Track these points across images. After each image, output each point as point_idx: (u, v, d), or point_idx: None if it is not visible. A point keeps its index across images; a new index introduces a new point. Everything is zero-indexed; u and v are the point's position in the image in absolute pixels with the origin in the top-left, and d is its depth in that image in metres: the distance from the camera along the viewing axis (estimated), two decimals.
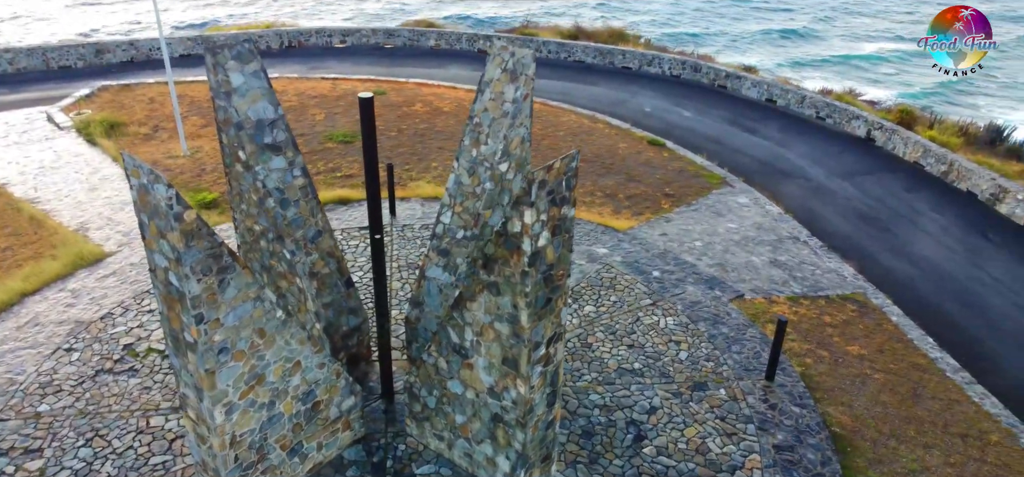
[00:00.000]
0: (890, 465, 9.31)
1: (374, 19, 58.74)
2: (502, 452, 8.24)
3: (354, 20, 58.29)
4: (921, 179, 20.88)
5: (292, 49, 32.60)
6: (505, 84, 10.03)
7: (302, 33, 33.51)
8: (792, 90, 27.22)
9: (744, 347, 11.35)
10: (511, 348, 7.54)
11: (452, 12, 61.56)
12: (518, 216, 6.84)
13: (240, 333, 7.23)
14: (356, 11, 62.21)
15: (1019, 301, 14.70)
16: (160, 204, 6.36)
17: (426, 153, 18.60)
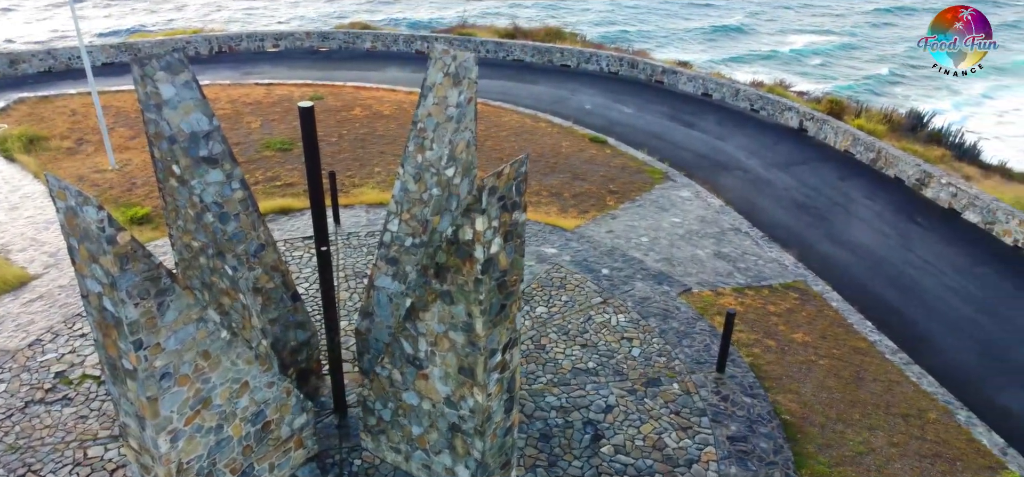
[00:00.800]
0: (838, 449, 9.56)
1: (307, 23, 57.64)
2: (461, 461, 8.11)
3: (288, 23, 57.05)
4: (852, 167, 21.60)
5: (222, 54, 31.63)
6: (448, 88, 9.89)
7: (232, 38, 32.55)
8: (727, 84, 27.82)
9: (694, 340, 11.49)
10: (467, 357, 7.42)
11: (384, 16, 60.92)
12: (469, 223, 6.73)
13: (183, 357, 6.91)
14: (291, 14, 60.89)
15: (948, 282, 15.33)
16: (90, 227, 6.01)
17: (368, 158, 18.28)
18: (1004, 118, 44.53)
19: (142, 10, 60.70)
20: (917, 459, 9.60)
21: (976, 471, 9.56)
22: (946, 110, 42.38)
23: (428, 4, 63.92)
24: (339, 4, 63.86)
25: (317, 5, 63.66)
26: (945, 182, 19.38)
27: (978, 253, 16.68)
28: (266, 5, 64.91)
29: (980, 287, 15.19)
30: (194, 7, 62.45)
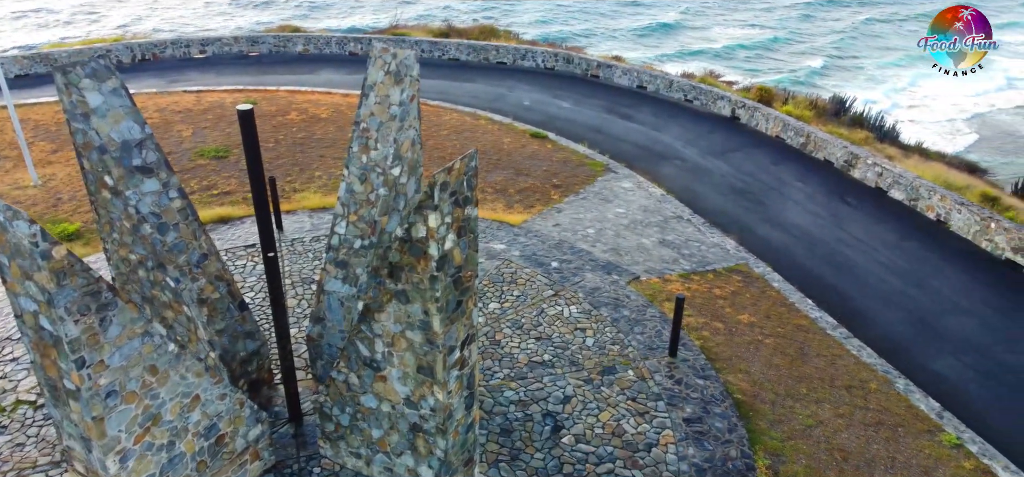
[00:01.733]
0: (788, 423, 9.85)
1: (235, 28, 56.10)
2: (424, 462, 8.02)
3: (215, 29, 55.38)
4: (784, 152, 22.30)
5: (146, 63, 30.49)
6: (390, 87, 9.78)
7: (156, 45, 31.40)
8: (660, 76, 28.35)
9: (646, 327, 11.67)
10: (425, 355, 7.34)
11: (315, 22, 59.91)
12: (422, 220, 6.66)
13: (129, 373, 6.62)
14: (220, 25, 59.14)
15: (879, 258, 15.99)
16: (22, 242, 5.70)
17: (308, 163, 17.90)
18: (924, 102, 46.73)
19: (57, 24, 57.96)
20: (862, 428, 9.98)
21: (916, 435, 10.00)
22: (878, 99, 44.21)
23: (360, 10, 63.01)
24: (269, 13, 62.41)
25: (249, 14, 62.04)
26: (871, 163, 20.21)
27: (904, 228, 17.46)
28: (193, 12, 62.92)
29: (908, 261, 15.90)
30: (114, 19, 60.03)
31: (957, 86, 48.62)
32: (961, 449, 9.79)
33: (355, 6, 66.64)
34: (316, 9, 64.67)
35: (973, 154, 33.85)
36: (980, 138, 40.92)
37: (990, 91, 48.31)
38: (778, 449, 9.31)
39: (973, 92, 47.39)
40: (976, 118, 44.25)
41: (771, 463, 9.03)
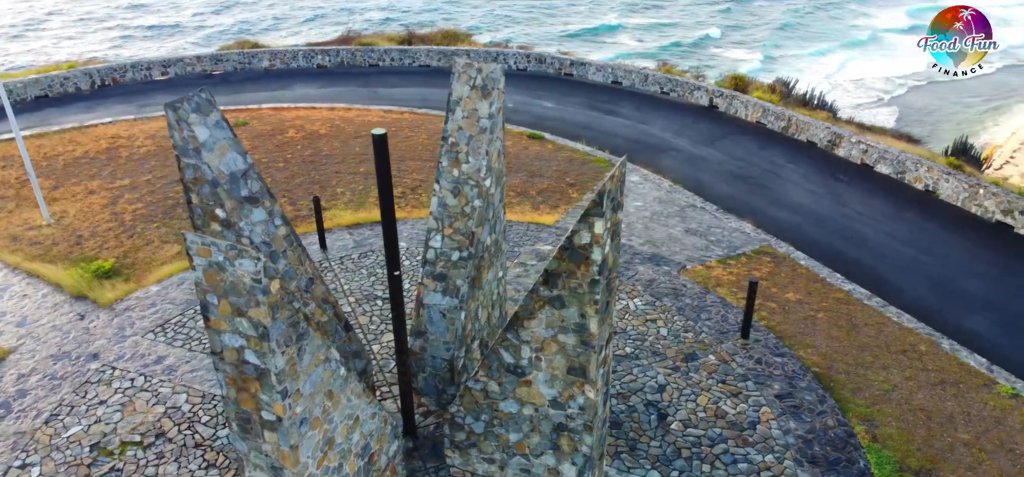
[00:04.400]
0: (868, 390, 10.59)
1: (192, 46, 54.37)
2: (566, 459, 8.34)
3: (173, 49, 53.50)
4: (768, 136, 23.36)
5: (106, 88, 29.40)
6: (477, 101, 10.03)
7: (116, 69, 30.31)
8: (635, 70, 29.15)
9: (710, 313, 12.25)
10: (578, 356, 7.66)
11: (259, 38, 58.58)
12: (586, 228, 6.99)
13: (315, 399, 6.74)
14: (176, 43, 57.11)
15: (884, 229, 17.07)
16: (243, 280, 5.79)
17: (325, 180, 17.80)
18: (851, 84, 49.33)
19: None
20: (930, 388, 10.80)
21: (976, 390, 10.89)
22: (820, 81, 46.36)
23: (308, 26, 61.96)
24: (209, 32, 60.66)
25: (201, 32, 60.17)
26: (855, 141, 21.43)
27: (899, 200, 18.65)
28: (109, 40, 60.51)
29: (911, 230, 17.03)
30: (52, 40, 57.23)
31: (882, 67, 51.61)
32: (1019, 398, 10.72)
33: (282, 20, 65.51)
34: (268, 29, 63.22)
35: (904, 128, 36.17)
36: (901, 114, 43.52)
37: (906, 74, 51.26)
38: (867, 415, 10.01)
39: (891, 72, 50.41)
40: (896, 99, 46.97)
41: (867, 428, 9.72)
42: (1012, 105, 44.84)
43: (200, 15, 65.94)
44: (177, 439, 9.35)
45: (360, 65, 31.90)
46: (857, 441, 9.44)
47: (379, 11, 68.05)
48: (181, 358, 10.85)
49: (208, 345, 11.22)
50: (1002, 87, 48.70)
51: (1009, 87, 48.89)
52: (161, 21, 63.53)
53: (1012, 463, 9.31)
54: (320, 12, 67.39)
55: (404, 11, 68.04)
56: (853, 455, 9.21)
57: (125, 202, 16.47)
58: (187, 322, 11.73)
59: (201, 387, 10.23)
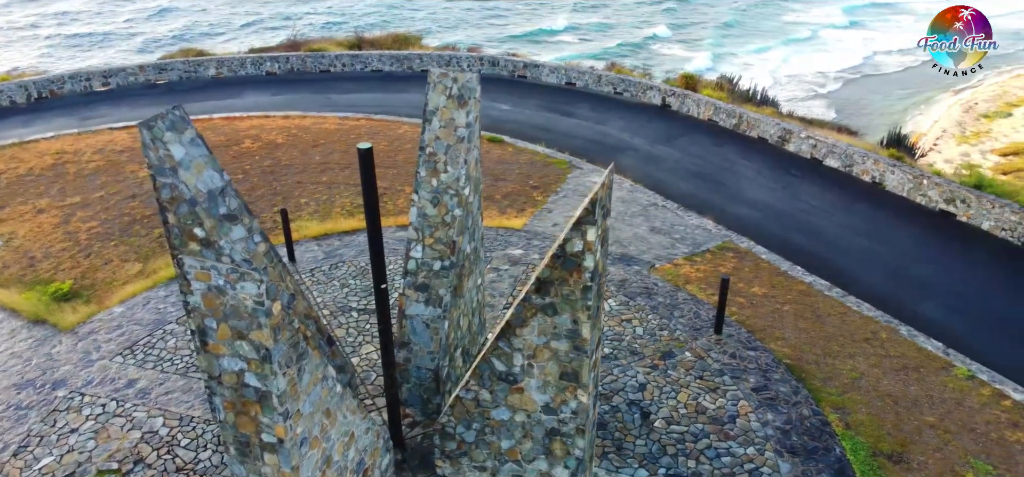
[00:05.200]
0: (838, 379, 10.99)
1: (134, 55, 52.59)
2: (559, 463, 8.44)
3: (113, 58, 51.65)
4: (721, 133, 23.94)
5: (43, 101, 28.32)
6: (454, 110, 10.07)
7: (53, 81, 29.21)
8: (588, 71, 29.50)
9: (683, 311, 12.53)
10: (571, 362, 7.77)
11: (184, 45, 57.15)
12: (579, 235, 7.11)
13: (314, 419, 6.69)
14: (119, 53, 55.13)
15: (839, 220, 17.71)
16: (245, 303, 5.71)
17: (288, 191, 17.52)
18: (788, 78, 50.92)
19: None
20: (894, 373, 11.28)
21: (936, 373, 11.42)
22: (764, 77, 47.65)
23: (245, 32, 60.65)
24: (144, 41, 58.85)
25: (134, 41, 58.20)
26: (805, 136, 22.15)
27: (850, 193, 19.37)
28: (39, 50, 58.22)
29: (864, 221, 17.72)
30: None
31: (820, 62, 53.38)
32: (975, 380, 11.28)
33: (218, 27, 64.08)
34: (200, 36, 61.60)
35: (843, 121, 37.64)
36: (839, 107, 45.16)
37: (842, 69, 53.15)
38: (839, 403, 10.40)
39: (828, 67, 52.30)
40: (833, 93, 48.70)
41: (839, 416, 10.10)
42: (934, 96, 47.06)
43: (131, 22, 63.91)
44: (157, 464, 9.12)
45: (311, 71, 31.47)
46: (832, 429, 9.81)
47: (320, 15, 67.16)
48: (154, 380, 10.57)
49: (181, 366, 10.96)
50: (925, 79, 51.00)
51: (931, 79, 51.19)
52: (91, 30, 61.37)
53: (974, 442, 9.80)
54: (257, 18, 66.13)
55: (342, 15, 67.30)
56: (829, 443, 9.57)
57: (78, 220, 15.92)
58: (157, 343, 11.42)
59: (178, 409, 9.99)
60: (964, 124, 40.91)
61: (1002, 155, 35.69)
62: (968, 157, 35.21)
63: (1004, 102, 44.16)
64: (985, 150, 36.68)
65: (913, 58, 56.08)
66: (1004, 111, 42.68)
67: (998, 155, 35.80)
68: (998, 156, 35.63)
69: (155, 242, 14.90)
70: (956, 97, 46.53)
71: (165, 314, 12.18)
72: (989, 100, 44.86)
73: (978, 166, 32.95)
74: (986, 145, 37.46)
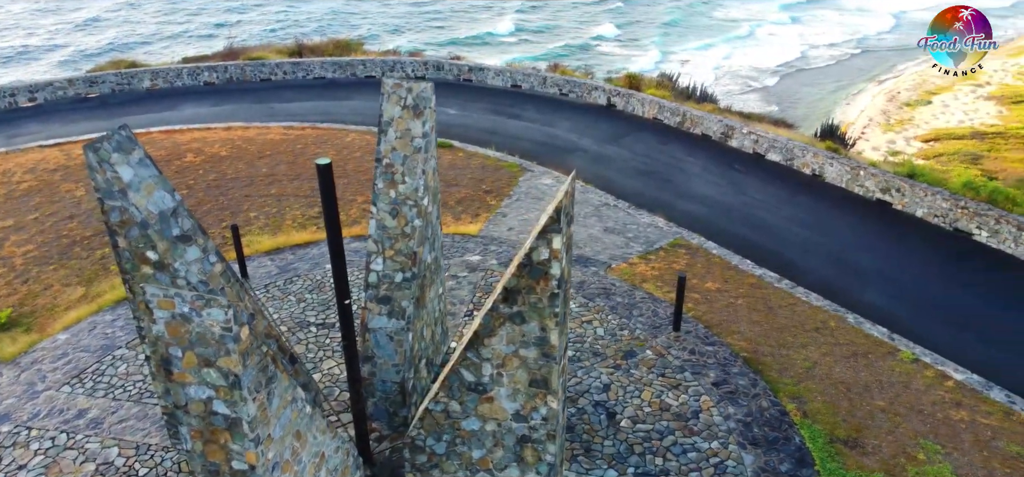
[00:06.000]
0: (793, 369, 11.33)
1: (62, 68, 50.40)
2: (531, 470, 8.47)
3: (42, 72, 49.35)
4: (666, 132, 24.38)
5: None
6: (409, 120, 10.00)
7: None
8: (534, 73, 29.66)
9: (642, 309, 12.72)
10: (540, 369, 7.81)
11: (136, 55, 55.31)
12: (545, 244, 7.15)
13: (285, 442, 6.57)
14: None
15: (783, 213, 18.25)
16: (212, 330, 5.57)
17: (235, 206, 17.09)
18: (725, 71, 52.26)
19: None
20: (845, 361, 11.69)
21: (883, 358, 11.88)
22: (706, 74, 48.74)
23: (176, 42, 58.87)
24: (69, 54, 56.54)
25: (58, 54, 55.70)
26: (746, 132, 22.75)
27: (791, 186, 19.98)
28: None
29: (806, 213, 18.30)
30: None
31: (759, 58, 54.92)
32: (919, 362, 11.79)
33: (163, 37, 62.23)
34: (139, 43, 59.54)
35: (781, 114, 38.89)
36: (776, 100, 46.58)
37: (780, 63, 54.86)
38: (796, 392, 10.73)
39: (767, 63, 53.89)
40: (771, 87, 50.21)
41: (797, 405, 10.42)
42: (860, 86, 49.01)
43: (55, 35, 61.35)
44: None
45: (251, 80, 30.79)
46: (790, 419, 10.12)
47: (256, 24, 65.79)
48: (106, 409, 10.20)
49: (134, 393, 10.60)
50: (853, 71, 53.14)
51: (859, 70, 53.41)
52: (11, 43, 58.65)
53: (923, 423, 10.24)
54: (189, 27, 64.35)
55: (280, 23, 66.07)
56: (788, 433, 9.86)
57: (12, 245, 15.22)
58: (107, 370, 11.02)
59: (133, 438, 9.66)
60: (889, 113, 42.73)
61: (924, 141, 37.45)
62: (894, 144, 36.81)
63: (924, 90, 46.33)
64: (909, 137, 38.40)
65: (841, 51, 58.21)
66: (925, 99, 44.77)
67: (921, 141, 37.55)
68: (921, 142, 37.38)
69: (98, 264, 14.36)
70: (880, 87, 48.62)
71: (114, 339, 11.75)
72: (910, 89, 47.01)
73: (902, 153, 34.55)
74: (910, 132, 39.23)
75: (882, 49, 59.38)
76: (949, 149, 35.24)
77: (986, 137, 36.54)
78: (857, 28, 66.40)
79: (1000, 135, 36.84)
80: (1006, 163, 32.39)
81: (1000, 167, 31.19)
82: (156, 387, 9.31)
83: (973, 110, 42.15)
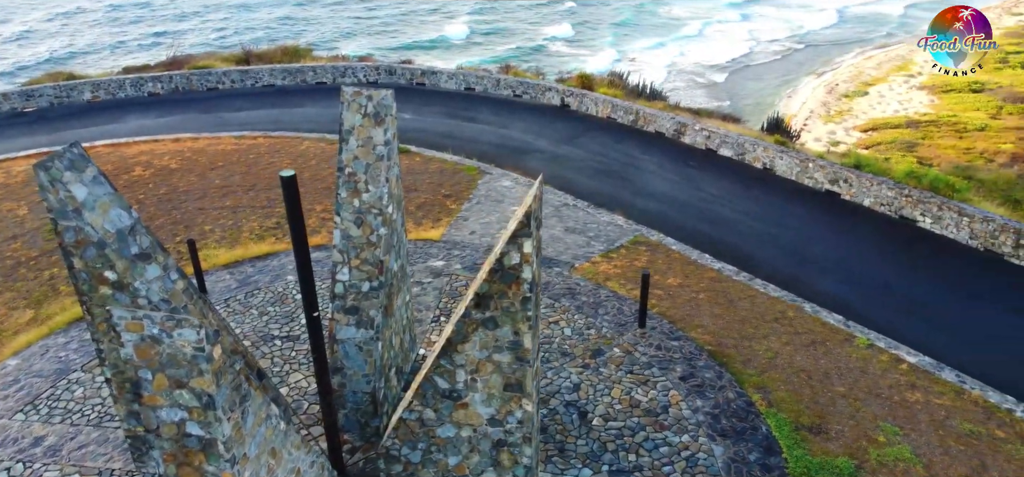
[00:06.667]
0: (756, 360, 11.59)
1: None
2: (507, 473, 8.49)
3: None
4: (620, 130, 24.67)
5: None
6: (371, 128, 9.93)
7: None
8: (487, 76, 29.69)
9: (607, 307, 12.85)
10: (514, 373, 7.83)
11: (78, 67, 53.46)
12: (516, 248, 7.18)
13: (260, 460, 6.45)
14: None
15: (738, 207, 18.65)
16: (183, 350, 5.47)
17: (189, 219, 16.68)
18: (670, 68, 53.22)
19: None
20: (804, 349, 12.01)
21: (840, 345, 12.24)
22: (658, 72, 49.51)
23: (117, 54, 57.10)
24: None
25: None
26: (698, 128, 23.17)
27: (744, 180, 20.43)
28: None
29: (760, 206, 18.74)
30: None
31: (707, 55, 56.02)
32: (874, 347, 12.18)
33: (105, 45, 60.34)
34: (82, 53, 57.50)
35: (731, 110, 39.83)
36: (724, 96, 47.64)
37: (728, 60, 56.08)
38: (760, 383, 10.97)
39: (715, 59, 55.04)
40: (720, 84, 51.36)
41: (762, 395, 10.66)
42: (801, 80, 50.51)
43: None
44: None
45: (197, 90, 30.12)
46: (756, 409, 10.35)
47: (199, 33, 64.31)
48: (64, 435, 9.85)
49: (93, 417, 10.26)
50: (795, 66, 54.69)
51: (800, 64, 55.02)
52: None
53: (881, 406, 10.59)
54: (127, 37, 62.56)
55: (222, 31, 64.75)
56: (755, 422, 10.09)
57: None
58: (62, 394, 10.64)
59: (95, 464, 9.35)
60: (828, 104, 44.15)
61: (862, 131, 38.83)
62: (834, 135, 38.05)
63: (861, 82, 48.04)
64: (848, 127, 39.76)
65: (786, 46, 59.74)
66: (861, 90, 46.40)
67: (859, 131, 38.93)
68: (859, 132, 38.75)
69: (46, 285, 13.86)
70: (819, 79, 50.20)
71: (68, 362, 11.36)
72: (848, 81, 48.70)
73: (842, 143, 35.71)
74: (849, 122, 40.63)
75: (824, 43, 61.21)
76: (886, 138, 36.60)
77: (920, 125, 38.04)
78: (801, 23, 68.38)
79: (933, 123, 38.40)
80: (940, 150, 33.78)
81: (934, 154, 32.52)
82: (118, 410, 9.02)
83: (907, 100, 43.84)
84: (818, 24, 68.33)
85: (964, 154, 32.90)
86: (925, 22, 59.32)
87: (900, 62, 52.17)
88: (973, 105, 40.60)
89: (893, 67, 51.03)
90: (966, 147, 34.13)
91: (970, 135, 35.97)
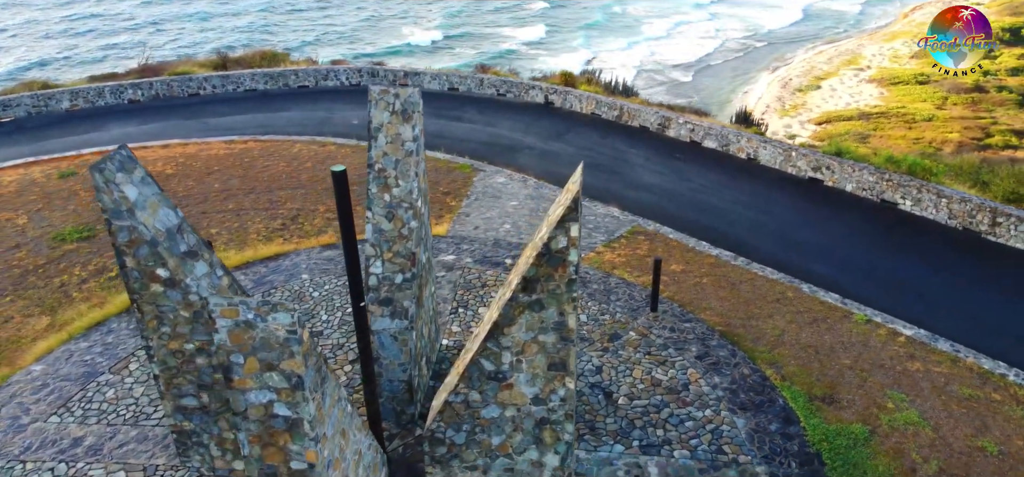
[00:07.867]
0: (764, 338, 12.16)
1: None
2: (549, 450, 8.88)
3: None
4: (606, 126, 25.22)
5: None
6: (399, 125, 10.27)
7: None
8: (470, 76, 30.02)
9: (618, 294, 13.32)
10: (558, 352, 8.23)
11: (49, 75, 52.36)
12: (563, 233, 7.60)
13: (335, 440, 6.77)
14: None
15: (727, 196, 19.30)
16: (277, 334, 5.76)
17: (193, 223, 16.64)
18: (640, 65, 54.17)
19: None
20: (808, 326, 12.64)
21: (840, 321, 12.89)
22: (629, 71, 50.34)
23: (89, 65, 55.97)
24: None
25: None
26: (682, 122, 23.83)
27: (730, 170, 21.11)
28: None
29: (747, 195, 19.42)
30: None
31: (678, 53, 57.08)
32: (871, 323, 12.86)
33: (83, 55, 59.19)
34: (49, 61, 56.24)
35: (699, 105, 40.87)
36: (695, 92, 48.71)
37: (697, 58, 57.25)
38: (771, 358, 11.55)
39: (684, 58, 56.14)
40: (689, 82, 52.43)
41: (775, 370, 11.23)
42: (758, 76, 51.92)
43: None
44: None
45: (178, 96, 29.90)
46: (771, 383, 10.91)
47: (174, 39, 63.45)
48: (102, 435, 9.98)
49: (129, 417, 10.41)
50: (748, 62, 56.25)
51: (753, 61, 56.58)
52: None
53: (886, 376, 11.24)
54: (93, 49, 61.41)
55: (196, 41, 63.95)
56: (772, 395, 10.65)
57: None
58: (94, 396, 10.75)
59: (138, 461, 9.52)
60: (783, 99, 45.46)
61: (817, 123, 40.10)
62: (790, 128, 39.23)
63: (813, 76, 49.54)
64: (803, 120, 41.02)
65: (749, 43, 61.15)
66: (814, 84, 47.85)
67: (814, 123, 40.19)
68: (814, 125, 40.01)
69: (58, 292, 13.86)
70: (773, 75, 51.62)
71: (94, 365, 11.44)
72: (801, 75, 50.17)
73: (798, 136, 36.83)
74: (803, 116, 41.91)
75: (785, 39, 62.79)
76: (840, 130, 37.81)
77: (871, 117, 39.41)
78: (767, 20, 70.04)
79: (883, 115, 39.81)
80: (890, 141, 35.08)
81: (885, 144, 33.75)
82: (165, 406, 9.22)
83: (858, 92, 45.32)
84: (788, 20, 70.14)
85: (914, 144, 34.21)
86: (878, 18, 61.45)
87: (849, 56, 53.89)
88: (920, 96, 42.14)
89: (843, 61, 52.71)
90: (915, 137, 35.48)
91: (919, 125, 37.39)
